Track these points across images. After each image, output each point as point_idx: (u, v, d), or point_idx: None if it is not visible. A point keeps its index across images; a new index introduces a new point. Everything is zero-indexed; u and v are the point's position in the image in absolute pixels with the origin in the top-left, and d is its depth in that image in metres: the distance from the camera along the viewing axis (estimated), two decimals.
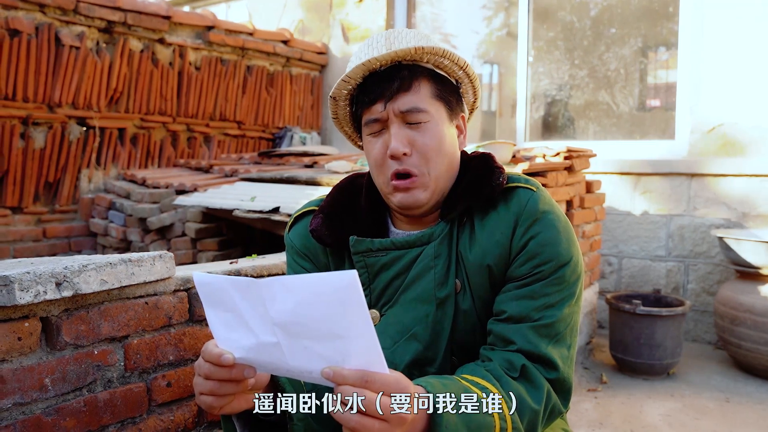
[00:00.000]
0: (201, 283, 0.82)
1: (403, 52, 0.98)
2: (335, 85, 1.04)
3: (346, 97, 1.07)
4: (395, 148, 0.99)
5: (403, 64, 1.01)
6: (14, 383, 1.05)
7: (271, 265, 1.56)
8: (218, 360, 0.80)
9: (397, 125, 1.00)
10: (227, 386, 0.82)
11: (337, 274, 0.69)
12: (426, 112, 1.00)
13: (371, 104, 1.01)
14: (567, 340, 0.99)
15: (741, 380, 2.97)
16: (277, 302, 0.73)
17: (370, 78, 1.01)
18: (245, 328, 0.79)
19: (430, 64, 1.03)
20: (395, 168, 1.01)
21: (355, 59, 1.03)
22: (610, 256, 3.85)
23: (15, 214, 3.64)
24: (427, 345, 1.03)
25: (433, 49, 1.00)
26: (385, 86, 0.99)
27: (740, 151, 3.42)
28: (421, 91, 1.01)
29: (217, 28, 4.44)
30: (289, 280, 0.73)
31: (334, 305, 0.70)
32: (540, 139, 4.38)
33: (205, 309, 0.83)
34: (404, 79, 0.99)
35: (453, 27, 4.98)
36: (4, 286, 1.00)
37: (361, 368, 0.72)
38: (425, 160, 1.01)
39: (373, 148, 1.04)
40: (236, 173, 3.46)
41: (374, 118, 1.01)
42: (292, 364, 0.77)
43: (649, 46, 4.06)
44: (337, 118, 1.12)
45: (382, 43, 1.02)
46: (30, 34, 3.49)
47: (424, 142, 1.00)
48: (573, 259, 1.00)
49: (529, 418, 0.91)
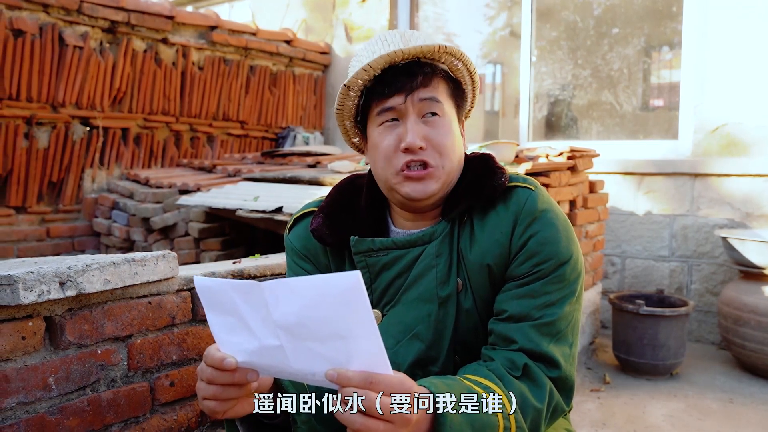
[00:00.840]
0: (202, 287, 0.81)
1: (428, 48, 0.99)
2: (352, 74, 1.02)
3: (360, 87, 1.04)
4: (412, 142, 0.99)
5: (421, 61, 1.01)
6: (18, 382, 1.05)
7: (274, 264, 1.56)
8: (220, 364, 0.79)
9: (413, 119, 1.00)
10: (230, 390, 0.82)
11: (341, 275, 0.69)
12: (442, 105, 1.02)
13: (390, 96, 1.01)
14: (568, 338, 0.99)
15: (745, 381, 2.96)
16: (280, 305, 0.73)
17: (389, 70, 1.01)
18: (247, 331, 0.78)
19: (445, 65, 1.04)
20: (409, 158, 1.00)
21: (368, 54, 1.02)
22: (614, 256, 3.84)
23: (19, 213, 3.65)
24: (430, 344, 1.03)
25: (453, 50, 1.02)
26: (406, 79, 1.00)
27: (744, 151, 3.41)
28: (439, 88, 1.03)
29: (220, 28, 4.45)
30: (292, 282, 0.72)
31: (338, 306, 0.70)
32: (543, 139, 4.38)
33: (207, 313, 0.83)
34: (426, 74, 1.00)
35: (456, 26, 4.98)
36: (8, 286, 1.00)
37: (365, 369, 0.72)
38: (439, 154, 1.01)
39: (384, 139, 1.02)
40: (239, 173, 3.46)
41: (389, 107, 1.01)
42: (296, 367, 0.76)
43: (652, 45, 4.05)
44: (341, 110, 1.08)
45: (398, 40, 1.02)
46: (34, 34, 3.50)
47: (438, 137, 1.01)
48: (573, 257, 1.00)
49: (533, 416, 0.91)
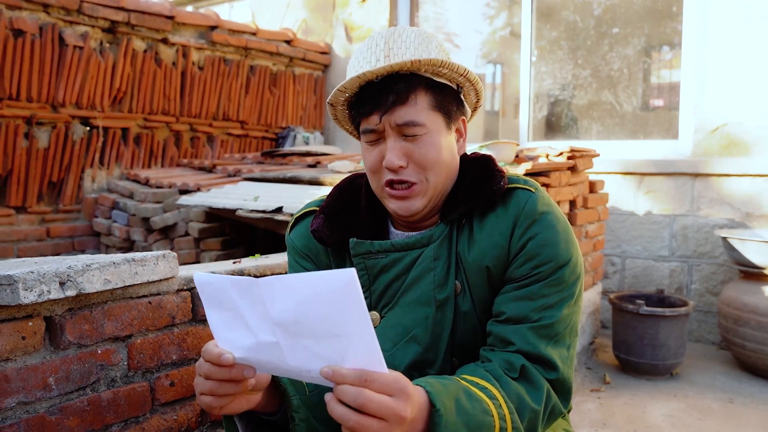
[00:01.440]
0: (201, 282, 0.82)
1: (399, 65, 0.96)
2: (332, 93, 1.03)
3: (343, 103, 1.07)
4: (390, 162, 0.98)
5: (400, 75, 0.98)
6: (18, 382, 1.05)
7: (274, 264, 1.56)
8: (218, 360, 0.80)
9: (393, 138, 0.99)
10: (227, 386, 0.82)
11: (336, 272, 0.69)
12: (422, 126, 0.98)
13: (367, 115, 1.00)
14: (566, 340, 0.99)
15: (745, 381, 2.96)
16: (277, 301, 0.73)
17: (366, 88, 1.00)
18: (245, 327, 0.79)
19: (428, 74, 1.00)
20: (390, 177, 1.00)
21: (354, 64, 1.03)
22: (614, 256, 3.84)
23: (19, 213, 3.65)
24: (427, 347, 1.02)
25: (430, 61, 0.97)
26: (380, 98, 0.97)
27: (744, 151, 3.41)
28: (418, 103, 0.98)
29: (221, 28, 4.45)
30: (288, 278, 0.72)
31: (333, 304, 0.70)
32: (543, 139, 4.38)
33: (206, 309, 0.83)
34: (400, 92, 0.97)
35: (456, 26, 4.98)
36: (8, 286, 1.00)
37: (359, 367, 0.72)
38: (423, 170, 1.00)
39: (369, 155, 1.03)
40: (239, 173, 3.46)
41: (370, 129, 1.00)
42: (292, 364, 0.77)
43: (652, 45, 4.05)
44: (337, 119, 1.13)
45: (381, 48, 1.00)
46: (34, 34, 3.50)
47: (420, 154, 0.99)
48: (572, 259, 1.00)
49: (529, 418, 0.91)
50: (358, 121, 1.05)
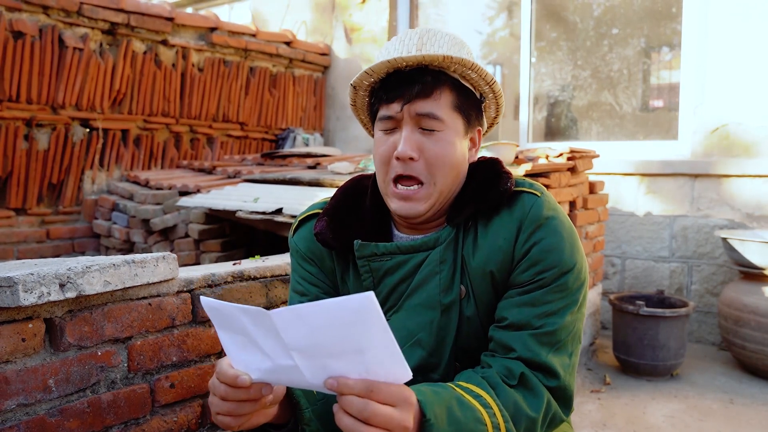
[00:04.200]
0: (209, 307, 0.80)
1: (431, 57, 0.95)
2: (357, 75, 1.02)
3: (367, 87, 1.05)
4: (403, 151, 0.97)
5: (429, 69, 0.98)
6: (18, 384, 1.05)
7: (275, 266, 1.56)
8: (234, 382, 0.79)
9: (410, 128, 0.98)
10: (245, 406, 0.82)
11: (354, 298, 0.68)
12: (441, 121, 0.98)
13: (389, 102, 0.99)
14: (568, 348, 0.98)
15: (745, 381, 2.95)
16: (291, 330, 0.72)
17: (393, 75, 0.99)
18: (259, 352, 0.77)
19: (456, 74, 1.00)
20: (398, 171, 0.99)
21: (384, 53, 1.02)
22: (614, 256, 3.84)
23: (19, 215, 3.65)
24: (432, 351, 1.02)
25: (462, 61, 0.97)
26: (405, 87, 0.97)
27: (744, 152, 3.41)
28: (441, 99, 0.98)
29: (220, 30, 4.45)
30: (301, 309, 0.71)
31: (352, 326, 0.70)
32: (543, 140, 4.38)
33: (217, 330, 0.82)
34: (427, 84, 0.97)
35: (456, 27, 4.98)
36: (8, 288, 1.00)
37: (383, 379, 0.72)
38: (431, 168, 0.99)
39: (382, 144, 1.02)
40: (239, 174, 3.46)
41: (388, 115, 1.00)
42: (312, 381, 0.76)
43: (652, 46, 4.06)
44: (354, 106, 1.11)
45: (414, 42, 1.00)
46: (34, 36, 3.50)
47: (433, 150, 0.98)
48: (576, 266, 0.98)
49: (526, 425, 0.90)
50: (376, 108, 1.03)
